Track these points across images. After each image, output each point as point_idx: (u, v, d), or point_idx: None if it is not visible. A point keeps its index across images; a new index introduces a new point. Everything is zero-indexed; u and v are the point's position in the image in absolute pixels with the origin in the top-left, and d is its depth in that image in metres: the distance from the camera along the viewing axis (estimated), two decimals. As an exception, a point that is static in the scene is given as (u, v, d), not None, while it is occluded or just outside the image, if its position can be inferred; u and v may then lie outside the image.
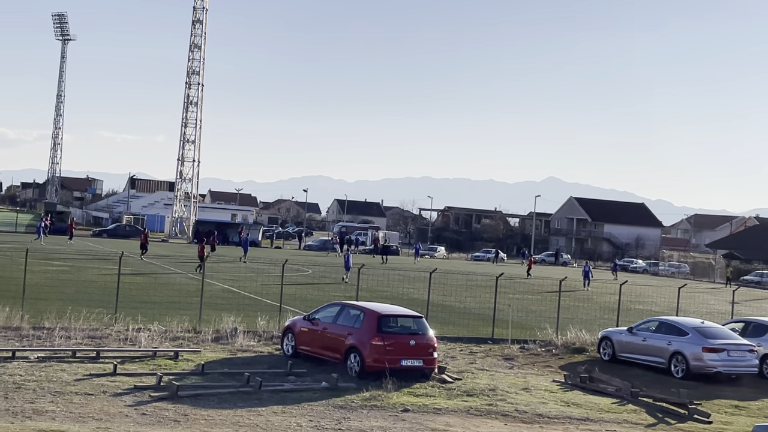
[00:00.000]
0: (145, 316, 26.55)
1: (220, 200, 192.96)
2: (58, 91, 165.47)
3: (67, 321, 24.50)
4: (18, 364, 19.69)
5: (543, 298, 46.42)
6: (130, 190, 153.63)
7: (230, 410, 17.05)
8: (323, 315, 22.90)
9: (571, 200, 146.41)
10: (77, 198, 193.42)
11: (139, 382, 18.85)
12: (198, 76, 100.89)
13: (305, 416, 17.08)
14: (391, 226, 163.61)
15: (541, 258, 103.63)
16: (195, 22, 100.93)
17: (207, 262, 41.70)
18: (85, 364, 20.44)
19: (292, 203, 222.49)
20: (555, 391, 21.47)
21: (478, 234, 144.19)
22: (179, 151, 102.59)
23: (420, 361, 21.16)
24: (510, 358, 25.93)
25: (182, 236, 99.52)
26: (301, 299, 34.47)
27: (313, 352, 22.50)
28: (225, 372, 20.53)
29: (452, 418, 17.93)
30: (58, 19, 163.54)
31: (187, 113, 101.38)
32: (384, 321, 21.43)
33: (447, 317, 32.84)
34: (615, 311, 33.57)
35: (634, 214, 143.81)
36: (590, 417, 18.97)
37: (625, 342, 26.38)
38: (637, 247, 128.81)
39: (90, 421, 15.45)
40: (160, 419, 16.05)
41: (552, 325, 30.67)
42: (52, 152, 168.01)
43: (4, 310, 24.59)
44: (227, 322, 26.13)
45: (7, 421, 14.99)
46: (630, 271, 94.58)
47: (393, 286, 46.26)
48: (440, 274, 41.20)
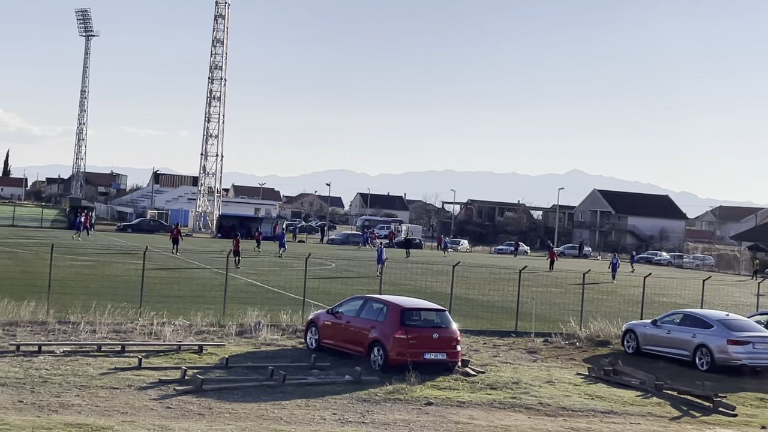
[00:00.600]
0: (169, 311, 26.70)
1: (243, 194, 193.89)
2: (82, 86, 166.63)
3: (93, 315, 24.69)
4: (44, 359, 19.87)
5: (566, 290, 46.25)
6: (154, 184, 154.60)
7: (254, 404, 17.13)
8: (346, 308, 22.93)
9: (595, 193, 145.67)
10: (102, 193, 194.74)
11: (164, 375, 18.96)
12: (221, 70, 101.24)
13: (329, 409, 17.13)
14: (414, 220, 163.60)
15: (560, 251, 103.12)
16: (217, 17, 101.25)
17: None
18: (111, 358, 20.59)
19: (315, 197, 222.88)
20: (579, 384, 21.40)
21: (502, 227, 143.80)
22: (202, 145, 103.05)
23: (443, 355, 21.15)
24: (533, 351, 25.87)
25: (206, 230, 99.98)
26: (325, 293, 34.54)
27: (336, 346, 22.55)
28: (249, 366, 20.61)
29: (476, 411, 17.92)
30: (82, 16, 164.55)
31: (210, 108, 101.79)
32: (407, 314, 21.44)
33: (470, 310, 32.80)
34: (639, 304, 33.40)
35: (658, 207, 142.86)
36: (614, 410, 18.90)
37: (650, 335, 26.25)
38: (661, 240, 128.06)
39: (115, 415, 15.56)
40: (185, 413, 16.15)
41: (576, 317, 30.56)
42: (76, 148, 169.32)
43: (30, 305, 24.80)
44: (251, 316, 26.23)
45: (34, 415, 15.14)
46: (654, 264, 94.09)
47: (416, 279, 46.25)
48: (463, 267, 41.17)
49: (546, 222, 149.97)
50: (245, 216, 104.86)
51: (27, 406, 15.82)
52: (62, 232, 79.67)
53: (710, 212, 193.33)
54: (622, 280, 56.42)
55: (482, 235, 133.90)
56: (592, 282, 46.95)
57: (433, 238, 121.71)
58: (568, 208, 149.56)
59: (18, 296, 26.02)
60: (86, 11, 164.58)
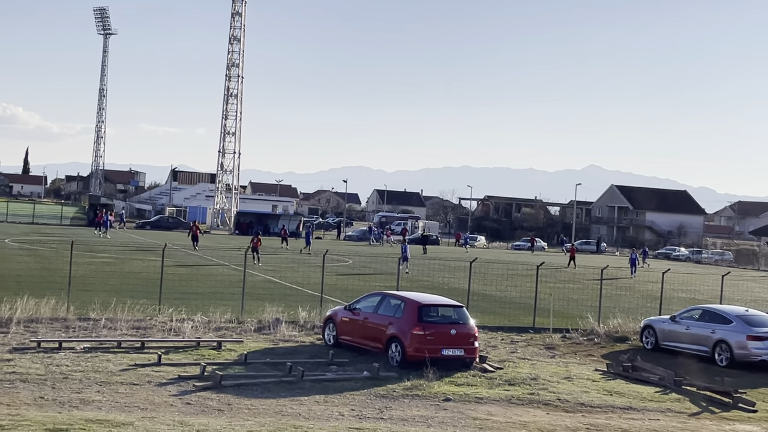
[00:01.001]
0: (188, 307, 26.83)
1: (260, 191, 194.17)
2: (101, 84, 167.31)
3: (112, 312, 24.85)
4: (65, 355, 20.02)
5: (584, 286, 46.11)
6: (172, 182, 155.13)
7: (273, 399, 17.20)
8: (364, 305, 22.97)
9: (612, 188, 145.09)
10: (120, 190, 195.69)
11: (183, 372, 19.07)
12: (238, 68, 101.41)
13: (347, 405, 17.18)
14: (431, 216, 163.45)
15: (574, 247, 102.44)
16: (234, 15, 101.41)
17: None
18: (130, 354, 20.72)
19: (332, 194, 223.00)
20: (597, 380, 21.36)
21: (519, 223, 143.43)
22: (220, 143, 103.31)
23: (461, 351, 21.16)
24: (551, 347, 25.83)
25: (224, 227, 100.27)
26: (342, 289, 34.60)
27: (354, 342, 22.60)
28: (267, 362, 20.69)
29: (494, 407, 17.92)
30: (100, 14, 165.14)
31: (227, 105, 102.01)
32: (425, 311, 21.46)
33: (488, 306, 32.78)
34: (658, 299, 33.28)
35: (677, 202, 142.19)
36: (633, 406, 18.86)
37: (668, 330, 26.16)
38: (679, 235, 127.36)
39: (135, 411, 15.67)
40: (205, 408, 16.24)
41: (594, 313, 30.49)
42: (95, 145, 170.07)
43: (50, 302, 24.98)
44: (269, 313, 26.32)
45: (55, 411, 15.26)
46: (672, 259, 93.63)
47: (433, 275, 46.25)
48: (480, 263, 41.13)
49: (563, 218, 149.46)
50: (263, 213, 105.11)
51: (48, 402, 15.95)
52: (82, 229, 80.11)
53: (729, 207, 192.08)
54: (641, 276, 56.21)
55: (499, 231, 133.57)
56: (610, 278, 46.80)
57: (450, 234, 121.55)
58: (585, 204, 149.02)
59: (39, 293, 26.21)
60: (104, 9, 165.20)
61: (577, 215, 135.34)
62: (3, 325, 22.93)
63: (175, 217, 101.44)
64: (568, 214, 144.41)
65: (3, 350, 20.10)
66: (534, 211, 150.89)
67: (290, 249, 63.90)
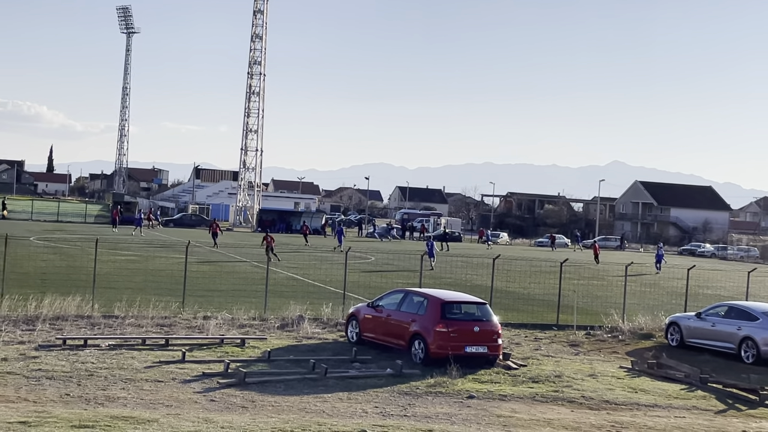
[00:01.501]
0: (211, 304, 26.92)
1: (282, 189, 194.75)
2: (124, 83, 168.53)
3: (137, 309, 24.99)
4: (90, 352, 20.14)
5: (608, 283, 45.89)
6: (195, 180, 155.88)
7: (296, 397, 17.22)
8: (387, 302, 22.95)
9: (636, 184, 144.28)
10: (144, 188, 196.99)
11: (207, 369, 19.15)
12: (260, 66, 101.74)
13: (371, 402, 17.18)
14: (454, 213, 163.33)
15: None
16: (256, 12, 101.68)
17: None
18: (155, 351, 20.82)
19: (354, 191, 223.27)
20: (622, 378, 21.24)
21: (542, 219, 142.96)
22: (242, 140, 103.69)
23: (484, 348, 21.11)
24: (575, 345, 25.71)
25: (246, 225, 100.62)
26: (365, 286, 34.60)
27: (377, 339, 22.59)
28: (291, 359, 20.73)
29: (518, 404, 17.86)
30: (123, 13, 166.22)
31: (249, 103, 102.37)
32: (448, 308, 21.42)
33: (511, 303, 32.68)
34: (683, 296, 33.06)
35: (701, 198, 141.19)
36: (658, 403, 18.74)
37: (694, 327, 25.97)
38: (704, 231, 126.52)
39: (160, 408, 15.74)
40: (229, 405, 16.29)
41: (618, 310, 30.31)
42: (118, 143, 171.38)
43: (75, 299, 25.16)
44: (292, 310, 26.37)
45: (81, 408, 15.36)
46: (698, 256, 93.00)
47: (456, 272, 46.17)
48: (503, 260, 41.00)
49: (587, 214, 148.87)
50: (285, 210, 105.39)
51: (74, 399, 16.06)
52: (106, 227, 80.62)
53: (755, 203, 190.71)
54: (665, 272, 55.81)
55: (522, 228, 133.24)
56: (634, 274, 46.54)
57: (473, 231, 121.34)
58: (609, 200, 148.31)
59: (64, 291, 26.41)
60: (127, 8, 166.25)
61: (601, 211, 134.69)
62: (29, 322, 23.12)
63: (198, 215, 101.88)
64: (591, 211, 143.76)
65: (29, 347, 20.26)
66: (557, 207, 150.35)
67: (311, 246, 63.99)
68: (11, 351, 19.71)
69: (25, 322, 23.10)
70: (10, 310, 24.12)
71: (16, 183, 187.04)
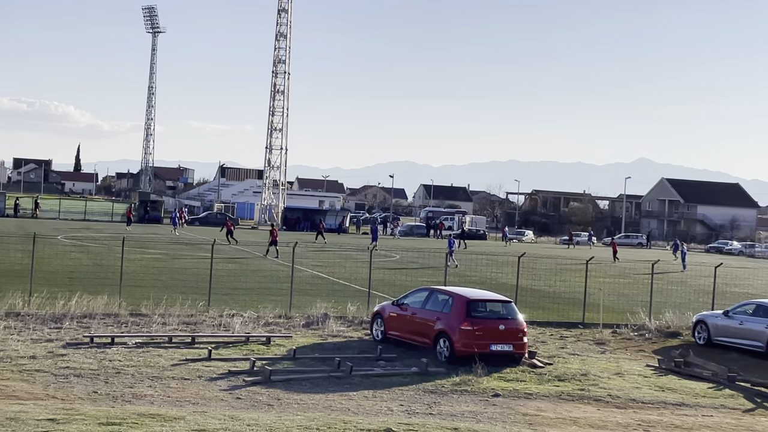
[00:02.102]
0: (237, 303, 27.03)
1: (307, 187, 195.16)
2: (150, 82, 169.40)
3: (163, 307, 25.12)
4: (117, 350, 20.29)
5: (634, 281, 45.64)
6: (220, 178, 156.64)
7: (322, 394, 17.26)
8: (412, 300, 22.94)
9: (663, 181, 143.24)
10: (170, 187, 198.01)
11: (233, 366, 19.22)
12: (284, 64, 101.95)
13: (396, 400, 17.18)
14: (478, 211, 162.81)
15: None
16: (280, 11, 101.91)
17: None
18: (181, 349, 20.93)
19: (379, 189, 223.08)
20: (649, 376, 21.11)
21: (567, 217, 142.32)
22: (267, 139, 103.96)
23: (510, 346, 21.04)
24: (602, 343, 25.58)
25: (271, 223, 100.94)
26: (390, 284, 34.61)
27: (402, 337, 22.58)
28: (316, 357, 20.77)
29: (544, 403, 17.80)
30: (149, 12, 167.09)
31: (274, 102, 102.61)
32: (473, 306, 21.37)
33: (536, 302, 32.58)
34: (710, 294, 32.81)
35: (729, 195, 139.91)
36: (686, 402, 18.61)
37: (721, 325, 25.75)
38: (731, 229, 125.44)
39: (187, 405, 15.82)
40: (255, 403, 16.35)
41: (644, 308, 30.12)
42: (144, 143, 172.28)
43: (103, 298, 25.34)
44: (318, 308, 26.42)
45: (108, 405, 15.47)
46: (725, 253, 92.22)
47: (481, 270, 46.08)
48: (529, 258, 40.86)
49: (613, 212, 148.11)
50: (310, 208, 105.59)
51: (101, 396, 16.18)
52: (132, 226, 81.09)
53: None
54: (692, 270, 55.42)
55: (547, 225, 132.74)
56: (660, 272, 46.25)
57: (497, 229, 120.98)
58: (635, 198, 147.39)
59: (91, 289, 26.62)
60: (153, 8, 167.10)
61: (627, 209, 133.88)
62: (57, 320, 23.33)
63: (224, 213, 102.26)
64: (617, 208, 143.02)
65: (57, 345, 20.44)
66: (583, 205, 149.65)
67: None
68: (40, 349, 19.90)
69: (53, 320, 23.31)
70: (39, 308, 24.34)
71: (44, 182, 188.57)
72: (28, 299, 25.03)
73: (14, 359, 18.71)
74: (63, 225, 75.51)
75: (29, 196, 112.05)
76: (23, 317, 23.42)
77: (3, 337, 20.84)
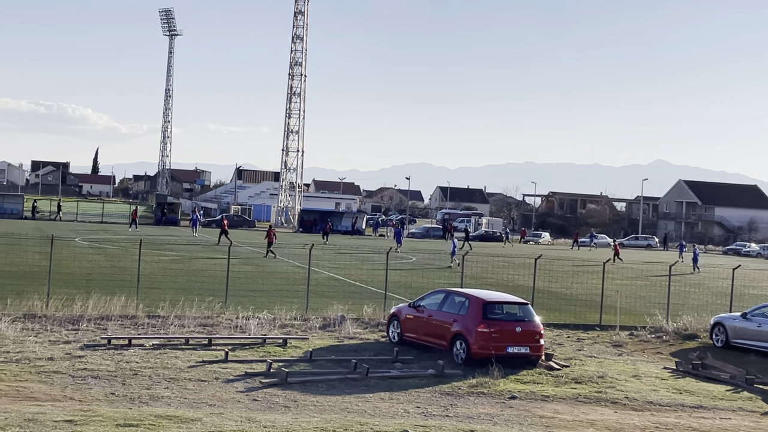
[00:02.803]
0: (253, 304, 27.09)
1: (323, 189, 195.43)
2: (167, 85, 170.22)
3: (180, 309, 25.19)
4: (134, 352, 20.36)
5: (652, 283, 45.44)
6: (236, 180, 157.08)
7: (338, 396, 17.26)
8: (428, 302, 22.92)
9: (680, 183, 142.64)
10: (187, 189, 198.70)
11: (249, 368, 19.26)
12: (301, 67, 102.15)
13: (412, 402, 17.16)
14: (495, 213, 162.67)
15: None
16: (297, 14, 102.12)
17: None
18: (198, 351, 20.99)
19: (395, 191, 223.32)
20: (666, 379, 21.01)
21: (584, 219, 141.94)
22: (283, 141, 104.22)
23: (526, 348, 20.99)
24: (619, 345, 25.48)
25: (288, 225, 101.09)
26: (406, 286, 34.59)
27: (418, 339, 22.56)
28: (332, 359, 20.77)
29: (561, 405, 17.74)
30: (166, 15, 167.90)
31: (290, 104, 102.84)
32: (489, 308, 21.33)
33: (553, 304, 32.48)
34: (728, 296, 32.61)
35: (747, 196, 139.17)
36: (703, 404, 18.50)
37: (739, 328, 25.60)
38: (750, 231, 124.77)
39: (203, 407, 15.86)
40: (271, 405, 16.37)
41: (662, 311, 29.99)
42: (161, 145, 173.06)
43: (120, 300, 25.44)
44: (334, 310, 26.44)
45: (126, 407, 15.53)
46: (743, 255, 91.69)
47: (497, 272, 45.99)
48: (545, 260, 40.76)
49: (630, 214, 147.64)
50: (326, 211, 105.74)
51: (119, 398, 16.24)
52: (148, 228, 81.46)
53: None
54: (710, 272, 55.11)
55: (564, 227, 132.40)
56: (678, 274, 46.04)
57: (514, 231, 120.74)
58: (652, 200, 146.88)
59: (109, 291, 26.73)
60: (170, 11, 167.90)
61: (644, 211, 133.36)
62: (74, 322, 23.44)
63: (240, 216, 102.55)
64: (634, 210, 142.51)
65: (75, 347, 20.53)
66: (599, 207, 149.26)
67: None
68: (57, 350, 20.00)
69: (70, 322, 23.42)
70: (57, 310, 24.47)
71: (62, 185, 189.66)
72: (46, 301, 25.17)
73: (32, 361, 18.81)
74: (81, 227, 75.89)
75: (47, 198, 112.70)
76: (41, 319, 23.56)
77: (21, 339, 20.97)
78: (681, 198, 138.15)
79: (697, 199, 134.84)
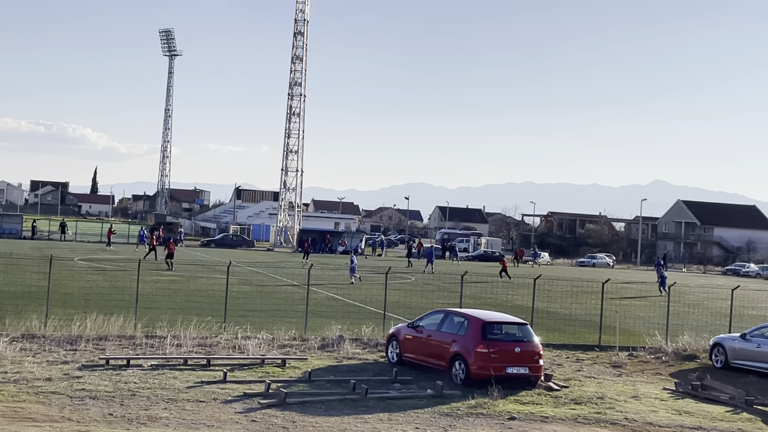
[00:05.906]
0: (252, 324, 27.05)
1: (323, 209, 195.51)
2: (166, 105, 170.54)
3: (178, 329, 25.15)
4: (132, 372, 20.32)
5: (651, 303, 45.39)
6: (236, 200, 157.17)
7: (337, 417, 17.22)
8: (427, 322, 22.90)
9: (679, 203, 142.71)
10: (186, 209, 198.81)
11: (248, 389, 19.22)
12: (300, 87, 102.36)
13: (411, 423, 17.12)
14: (494, 233, 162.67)
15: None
16: (296, 34, 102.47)
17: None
18: (196, 371, 20.94)
19: (394, 211, 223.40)
20: (665, 399, 20.98)
21: (583, 239, 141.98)
22: (283, 161, 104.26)
23: (526, 369, 20.96)
24: (618, 366, 25.44)
25: (287, 245, 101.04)
26: (405, 306, 34.56)
27: (417, 360, 22.53)
28: (331, 379, 20.74)
29: (560, 426, 17.70)
30: (165, 36, 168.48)
31: (290, 124, 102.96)
32: (488, 328, 21.32)
33: (552, 324, 32.45)
34: (727, 317, 32.59)
35: (745, 217, 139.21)
36: (703, 426, 18.46)
37: (739, 348, 25.57)
38: (748, 251, 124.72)
39: (202, 428, 15.82)
40: (270, 426, 16.32)
41: (661, 331, 29.97)
42: (161, 165, 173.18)
43: (118, 320, 25.41)
44: (333, 330, 26.41)
45: (123, 428, 15.48)
46: (742, 276, 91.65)
47: (497, 292, 45.96)
48: (544, 280, 40.74)
49: (628, 234, 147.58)
50: (325, 230, 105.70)
51: (117, 419, 16.19)
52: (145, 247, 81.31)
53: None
54: (709, 293, 55.08)
55: (563, 247, 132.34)
56: (678, 294, 45.97)
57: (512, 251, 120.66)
58: (651, 220, 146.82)
59: (107, 311, 26.69)
60: (170, 31, 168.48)
61: (643, 231, 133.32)
62: (73, 342, 23.41)
63: (239, 236, 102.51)
64: (633, 230, 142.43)
65: (73, 367, 20.50)
66: (598, 227, 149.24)
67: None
68: (55, 371, 19.96)
69: (68, 342, 23.39)
70: (55, 330, 24.44)
71: (61, 204, 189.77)
72: (44, 321, 25.14)
73: (30, 381, 18.78)
74: (80, 247, 75.86)
75: (46, 218, 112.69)
76: (39, 339, 23.53)
77: (19, 359, 20.93)
78: (680, 218, 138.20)
79: (696, 220, 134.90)
